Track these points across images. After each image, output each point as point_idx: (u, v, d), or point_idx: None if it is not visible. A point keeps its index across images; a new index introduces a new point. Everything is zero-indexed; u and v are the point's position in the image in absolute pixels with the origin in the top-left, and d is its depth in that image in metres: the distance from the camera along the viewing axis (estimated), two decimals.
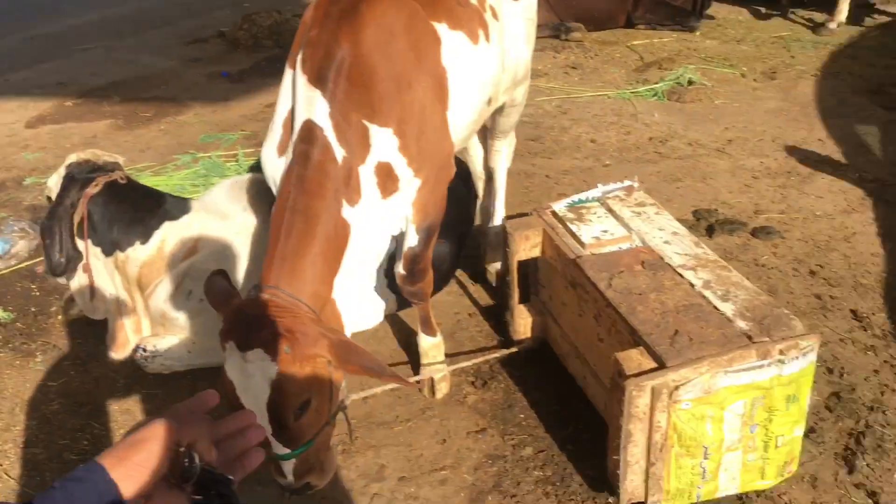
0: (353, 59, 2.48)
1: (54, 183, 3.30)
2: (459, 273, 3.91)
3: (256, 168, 4.68)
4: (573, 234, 3.07)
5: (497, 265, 3.71)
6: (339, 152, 2.46)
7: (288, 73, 2.60)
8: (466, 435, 3.01)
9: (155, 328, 3.43)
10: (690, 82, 6.18)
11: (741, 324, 2.55)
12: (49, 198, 3.36)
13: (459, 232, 3.84)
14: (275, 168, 2.59)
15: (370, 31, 2.54)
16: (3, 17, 9.20)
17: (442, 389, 3.19)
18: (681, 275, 2.81)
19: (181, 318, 3.30)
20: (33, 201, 4.83)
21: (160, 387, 3.32)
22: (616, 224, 3.11)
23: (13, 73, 7.25)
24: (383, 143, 2.56)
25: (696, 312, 2.62)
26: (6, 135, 5.92)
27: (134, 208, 3.31)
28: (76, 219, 3.23)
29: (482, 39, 2.98)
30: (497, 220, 3.88)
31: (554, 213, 3.22)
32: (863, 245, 4.07)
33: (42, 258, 4.06)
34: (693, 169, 4.92)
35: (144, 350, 3.33)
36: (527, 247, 3.22)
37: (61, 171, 3.28)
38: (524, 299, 3.40)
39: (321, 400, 2.25)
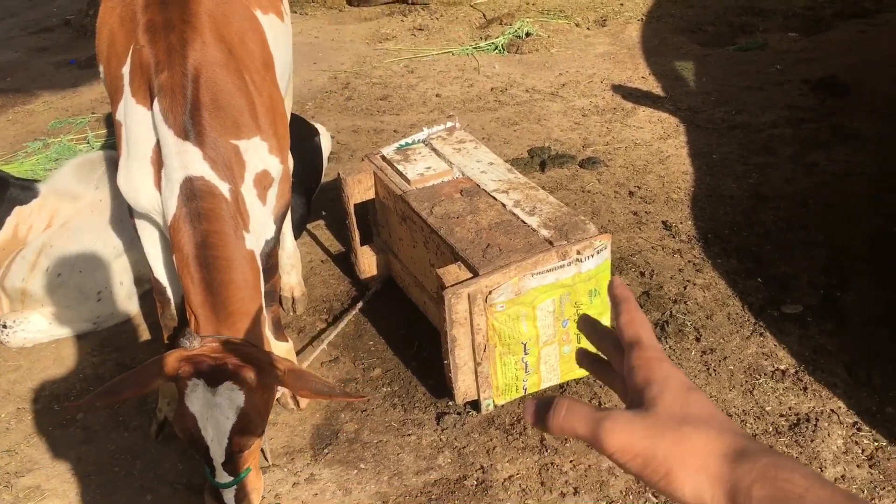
0: (207, 89, 2.47)
1: None
2: (310, 225, 4.16)
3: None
4: (400, 173, 3.35)
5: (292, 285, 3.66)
6: (224, 187, 2.47)
7: (138, 109, 2.52)
8: (321, 365, 3.28)
9: (14, 305, 3.54)
10: (528, 34, 6.56)
11: (544, 232, 2.91)
12: None
13: (309, 185, 4.08)
14: (156, 202, 2.54)
15: (213, 50, 2.52)
16: None
17: (303, 401, 3.14)
18: (494, 198, 3.14)
19: (39, 292, 3.42)
20: None
21: (23, 358, 3.44)
22: (438, 160, 3.42)
23: None
24: (256, 152, 2.60)
25: (506, 227, 2.96)
26: None
27: None
28: None
29: (285, 17, 3.15)
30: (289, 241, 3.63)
31: (383, 157, 3.49)
32: (675, 166, 4.53)
33: None
34: (529, 113, 5.30)
35: (4, 326, 3.45)
36: (360, 190, 3.49)
37: None
38: (366, 241, 3.67)
39: (265, 426, 2.38)
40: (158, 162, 2.49)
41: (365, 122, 5.37)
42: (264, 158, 2.60)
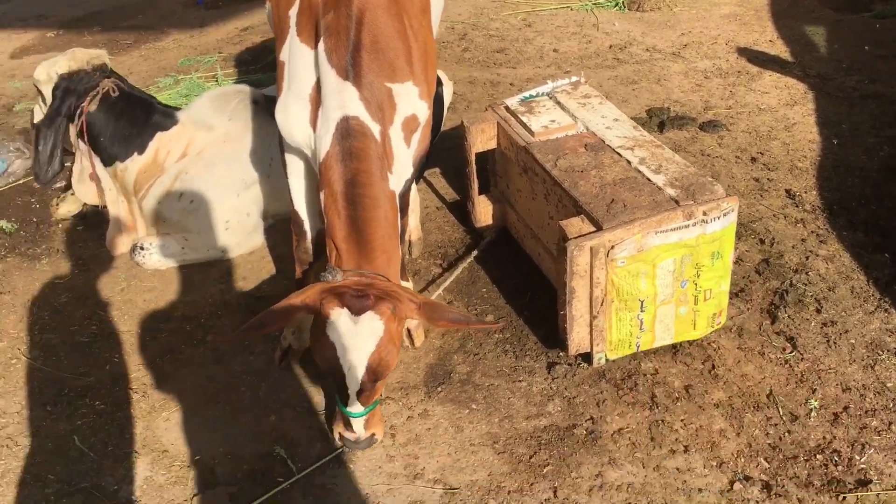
0: (369, 31, 2.56)
1: (42, 77, 3.55)
2: (426, 173, 4.23)
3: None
4: (524, 125, 3.37)
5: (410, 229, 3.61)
6: (376, 128, 2.57)
7: (302, 48, 2.64)
8: None
9: (149, 229, 3.75)
10: None
11: (670, 191, 2.89)
12: (37, 89, 3.61)
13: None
14: (309, 139, 2.67)
15: None
16: None
17: (419, 337, 3.19)
18: (619, 154, 3.13)
19: (174, 217, 3.61)
20: (24, 125, 5.07)
21: (157, 280, 3.65)
22: (563, 114, 3.42)
23: None
24: (408, 96, 2.68)
25: (631, 184, 2.95)
26: None
27: (130, 123, 3.60)
28: (74, 131, 3.53)
29: None
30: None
31: (507, 108, 3.51)
32: (801, 133, 4.39)
33: None
34: (649, 72, 5.20)
35: (142, 248, 3.66)
36: (483, 139, 3.52)
37: (52, 74, 3.53)
38: (483, 190, 3.72)
39: (398, 357, 2.51)
40: (316, 100, 2.59)
41: (481, 73, 5.38)
42: (414, 103, 2.68)
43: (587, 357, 3.02)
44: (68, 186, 4.13)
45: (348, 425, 2.56)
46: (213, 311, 3.45)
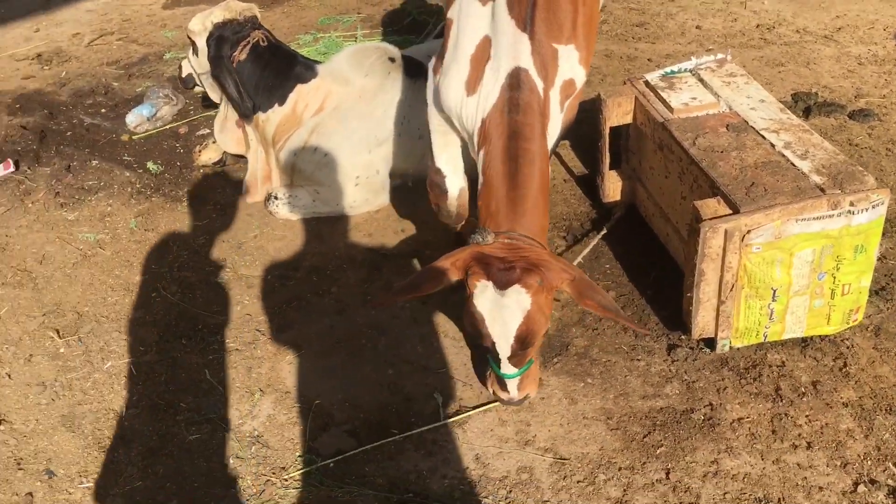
0: None
1: (197, 28, 3.72)
2: None
3: None
4: (663, 101, 3.28)
5: None
6: (540, 84, 2.60)
7: (474, 4, 2.67)
8: None
9: (284, 179, 3.88)
10: None
11: (816, 178, 2.77)
12: (191, 40, 3.83)
13: None
14: (462, 105, 2.70)
15: None
16: None
17: None
18: (763, 136, 3.01)
19: (308, 169, 3.72)
20: (174, 73, 5.32)
21: (287, 230, 3.78)
22: (705, 92, 3.31)
23: None
24: (569, 60, 2.69)
25: (774, 168, 2.84)
26: (146, 14, 6.44)
27: (274, 74, 3.72)
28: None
29: None
30: None
31: (646, 83, 3.43)
32: None
33: (184, 121, 4.62)
34: (797, 55, 4.96)
35: (276, 197, 3.80)
36: (619, 113, 3.46)
37: (207, 24, 3.69)
38: (614, 166, 3.66)
39: (548, 324, 2.52)
40: (480, 60, 2.62)
41: (618, 47, 5.26)
42: (574, 67, 2.69)
43: (710, 342, 2.94)
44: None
45: (502, 385, 2.60)
46: (339, 265, 3.55)
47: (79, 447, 2.78)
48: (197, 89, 4.14)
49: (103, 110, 5.01)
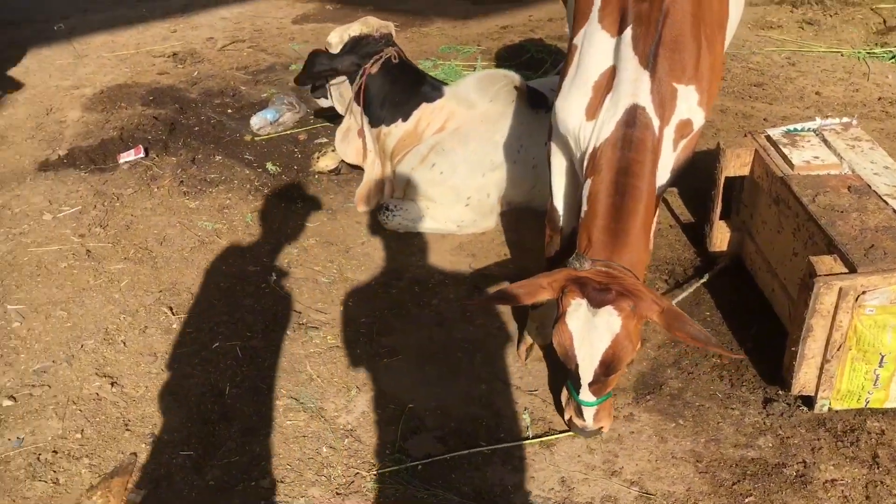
0: (671, 28, 2.62)
1: (335, 40, 3.91)
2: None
3: None
4: (784, 156, 3.29)
5: None
6: (656, 123, 2.62)
7: (601, 34, 2.71)
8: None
9: (397, 192, 4.01)
10: None
11: None
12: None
13: None
14: (580, 128, 2.74)
15: None
16: None
17: None
18: (885, 202, 2.98)
19: (422, 185, 3.84)
20: None
21: (394, 240, 3.90)
22: (828, 152, 3.29)
23: None
24: (688, 100, 2.69)
25: (895, 234, 2.81)
26: (276, 27, 6.76)
27: (401, 91, 3.89)
28: (354, 89, 3.88)
29: None
30: None
31: (768, 137, 3.44)
32: None
33: (304, 129, 4.83)
34: None
35: (387, 209, 3.93)
36: (736, 164, 3.47)
37: (344, 37, 3.88)
38: (723, 216, 3.66)
39: (634, 356, 2.56)
40: (603, 88, 2.67)
41: (734, 104, 5.27)
42: (691, 108, 2.70)
43: (808, 401, 2.90)
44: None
45: (579, 412, 2.64)
46: (441, 279, 3.64)
47: (183, 418, 2.92)
48: (323, 102, 4.32)
49: (229, 111, 5.27)
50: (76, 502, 2.62)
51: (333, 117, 4.92)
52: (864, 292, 2.64)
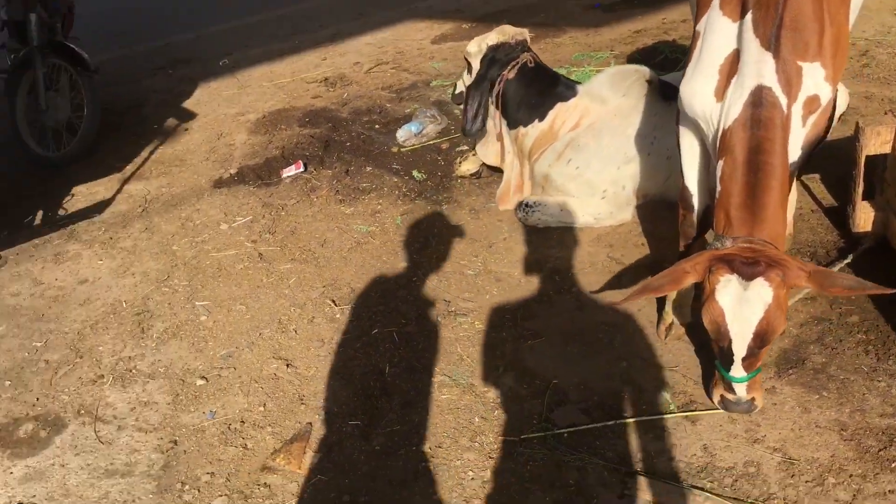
0: (791, 9, 2.71)
1: (473, 50, 4.19)
2: (804, 177, 4.21)
3: None
4: None
5: None
6: (783, 101, 2.72)
7: (723, 20, 2.84)
8: (797, 301, 3.39)
9: (535, 190, 4.23)
10: None
11: None
12: (468, 61, 4.28)
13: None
14: (711, 110, 2.85)
15: None
16: None
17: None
18: None
19: (559, 180, 4.04)
20: (438, 97, 5.92)
21: (534, 235, 4.11)
22: None
23: (420, 1, 8.59)
24: (813, 77, 2.78)
25: None
26: (417, 48, 7.17)
27: (538, 93, 4.11)
28: (493, 95, 4.13)
29: None
30: None
31: None
32: None
33: (446, 138, 5.13)
34: None
35: (526, 206, 4.15)
36: (877, 142, 3.46)
37: (482, 46, 4.16)
38: (867, 197, 3.64)
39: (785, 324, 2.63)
40: (727, 71, 2.80)
41: (880, 90, 5.14)
42: (818, 83, 2.77)
43: None
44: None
45: (729, 388, 2.71)
46: (581, 268, 3.82)
47: (349, 393, 3.24)
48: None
49: (377, 126, 5.67)
50: (262, 463, 2.98)
51: None
52: None
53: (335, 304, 3.79)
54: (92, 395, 3.46)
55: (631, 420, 2.92)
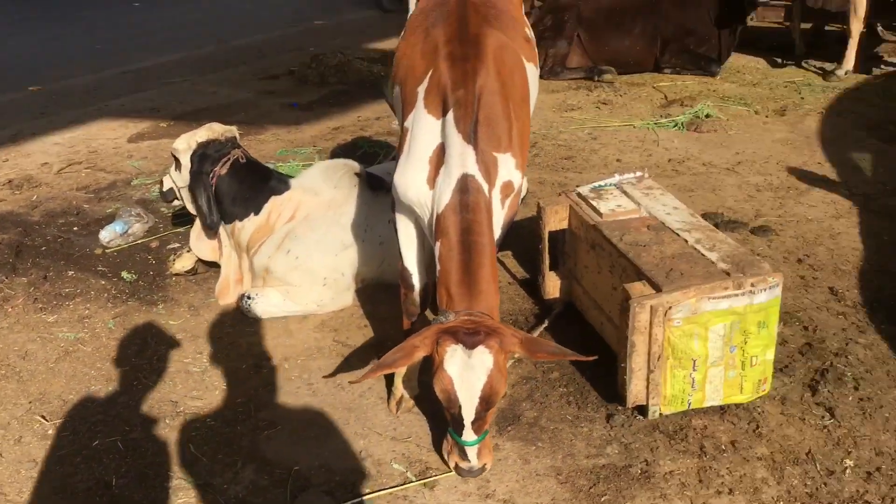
0: (484, 108, 3.09)
1: (182, 146, 4.18)
2: (498, 254, 4.71)
3: None
4: (593, 208, 3.85)
5: None
6: (485, 187, 3.06)
7: (428, 118, 3.15)
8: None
9: (256, 282, 4.26)
10: (708, 116, 6.98)
11: (722, 265, 3.31)
12: (176, 158, 4.26)
13: None
14: (425, 197, 3.11)
15: (493, 80, 3.16)
16: (103, 55, 10.43)
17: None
18: (678, 234, 3.57)
19: (280, 270, 4.12)
20: (142, 195, 5.75)
21: (259, 327, 4.13)
22: (628, 201, 3.89)
23: (114, 99, 8.32)
24: (507, 165, 3.17)
25: (688, 258, 3.38)
26: (112, 147, 6.91)
27: (250, 187, 4.20)
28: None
29: (537, 68, 3.78)
30: None
31: (578, 194, 4.01)
32: (846, 242, 4.78)
33: (155, 237, 5.00)
34: (705, 183, 5.69)
35: (249, 298, 4.16)
36: (556, 220, 4.00)
37: (192, 143, 4.16)
38: (553, 268, 4.17)
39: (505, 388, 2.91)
40: (436, 162, 3.10)
41: (550, 176, 5.93)
42: (511, 171, 3.18)
43: (643, 410, 3.36)
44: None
45: (463, 455, 2.93)
46: (309, 354, 3.90)
47: None
48: (175, 203, 4.55)
49: (76, 228, 5.35)
50: None
51: (184, 223, 5.14)
52: (670, 307, 3.16)
53: (46, 420, 3.48)
54: None
55: (373, 495, 3.02)
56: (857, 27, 7.85)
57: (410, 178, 3.14)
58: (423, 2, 3.58)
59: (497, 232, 3.20)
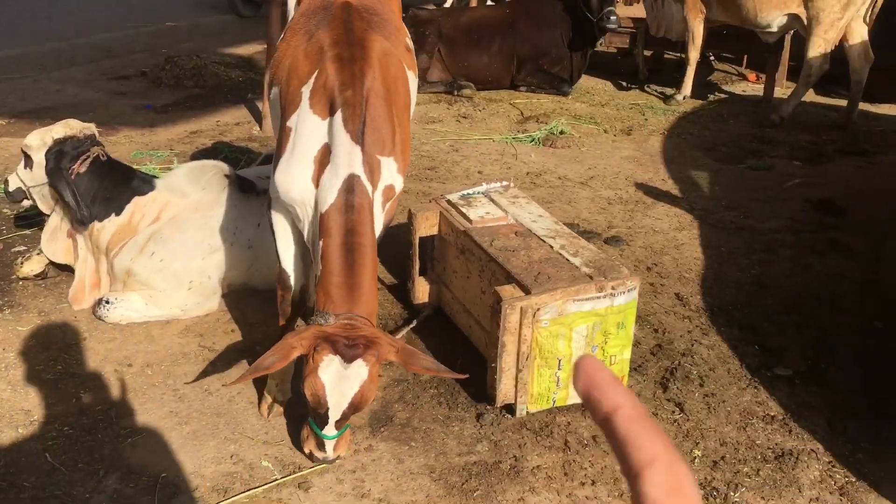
0: (371, 111, 3.12)
1: (35, 143, 3.95)
2: None
3: None
4: (463, 215, 3.97)
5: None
6: (369, 188, 3.08)
7: (314, 118, 3.14)
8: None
9: (115, 285, 4.08)
10: (562, 132, 7.32)
11: (585, 269, 3.50)
12: (26, 154, 4.04)
13: None
14: (308, 196, 3.10)
15: (379, 84, 3.19)
16: None
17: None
18: (543, 240, 3.75)
19: (143, 274, 3.97)
20: None
21: (118, 332, 3.96)
22: (496, 209, 4.04)
23: None
24: (389, 169, 3.22)
25: (554, 263, 3.55)
26: None
27: (112, 186, 4.01)
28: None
29: (415, 72, 3.87)
30: None
31: (448, 201, 4.12)
32: (688, 252, 5.16)
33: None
34: (561, 195, 5.97)
35: (106, 302, 3.98)
36: (426, 226, 4.09)
37: (47, 139, 3.94)
38: (422, 273, 4.25)
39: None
40: (321, 161, 3.09)
41: (415, 185, 6.03)
42: (392, 175, 3.22)
43: (511, 409, 3.49)
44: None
45: (320, 446, 2.95)
46: (174, 360, 3.77)
47: None
48: (25, 203, 4.29)
49: None
50: None
51: (29, 224, 4.85)
52: (538, 309, 3.31)
53: None
54: None
55: (243, 495, 2.97)
56: (694, 55, 8.48)
57: (295, 176, 3.13)
58: (304, 5, 3.58)
59: (378, 231, 3.25)
